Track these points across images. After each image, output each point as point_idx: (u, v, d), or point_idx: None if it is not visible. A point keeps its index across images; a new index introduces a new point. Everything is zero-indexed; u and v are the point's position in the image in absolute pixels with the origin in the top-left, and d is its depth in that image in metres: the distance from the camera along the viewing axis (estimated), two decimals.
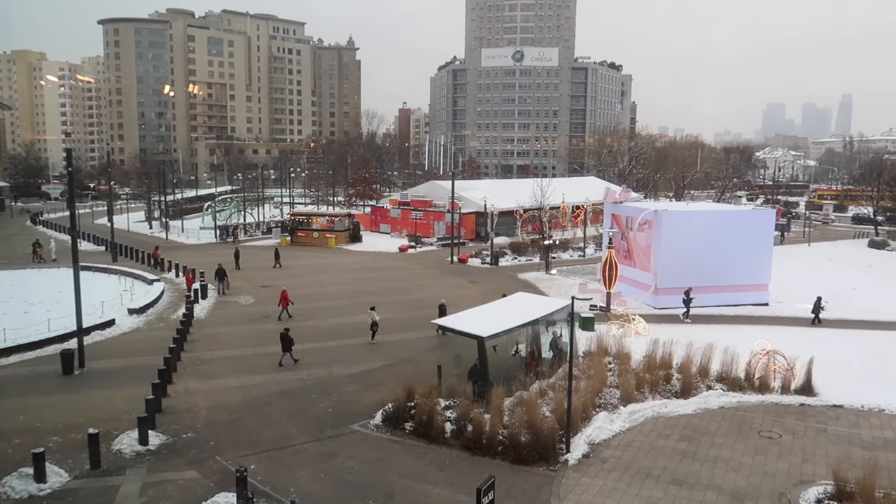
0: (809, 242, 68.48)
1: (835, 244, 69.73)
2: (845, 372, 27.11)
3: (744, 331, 33.06)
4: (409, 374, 24.85)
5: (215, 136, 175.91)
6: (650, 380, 24.49)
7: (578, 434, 20.38)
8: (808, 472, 18.63)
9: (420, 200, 72.59)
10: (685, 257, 38.18)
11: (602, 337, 28.21)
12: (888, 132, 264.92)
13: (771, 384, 25.12)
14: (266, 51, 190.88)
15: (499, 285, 43.09)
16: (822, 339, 32.18)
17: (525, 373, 23.95)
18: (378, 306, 38.58)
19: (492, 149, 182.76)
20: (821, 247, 67.20)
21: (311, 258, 57.64)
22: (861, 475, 16.63)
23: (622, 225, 42.22)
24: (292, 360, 28.37)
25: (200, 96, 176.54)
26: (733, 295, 38.68)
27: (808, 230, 72.10)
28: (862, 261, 58.00)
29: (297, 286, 44.91)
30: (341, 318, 36.12)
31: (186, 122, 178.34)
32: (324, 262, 55.28)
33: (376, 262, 56.26)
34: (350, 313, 36.91)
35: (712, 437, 20.83)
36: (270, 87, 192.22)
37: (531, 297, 30.46)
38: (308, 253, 60.74)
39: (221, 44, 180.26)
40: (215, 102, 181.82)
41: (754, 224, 40.49)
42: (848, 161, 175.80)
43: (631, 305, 37.82)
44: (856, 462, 18.03)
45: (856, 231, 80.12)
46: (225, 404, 23.64)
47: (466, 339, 22.75)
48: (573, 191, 73.07)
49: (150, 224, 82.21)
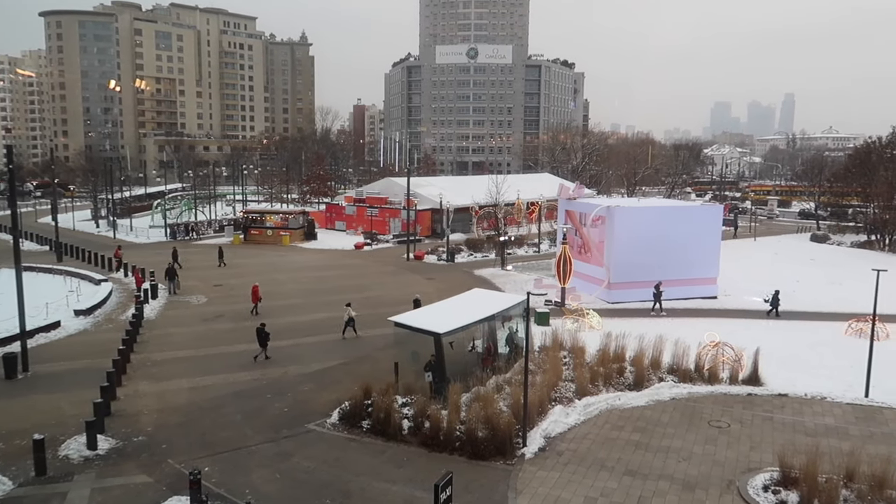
0: (755, 237, 70.53)
1: (779, 238, 71.99)
2: (790, 362, 28.04)
3: (693, 323, 33.83)
4: (365, 373, 24.74)
5: (164, 133, 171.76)
6: (604, 373, 24.88)
7: (535, 428, 20.59)
8: (755, 459, 19.19)
9: (375, 197, 72.23)
10: (637, 252, 38.90)
11: (557, 332, 28.54)
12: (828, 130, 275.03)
13: (720, 375, 25.78)
14: (216, 45, 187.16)
15: (455, 282, 43.23)
16: (768, 331, 33.21)
17: (482, 368, 24.05)
18: (334, 304, 38.34)
19: (447, 146, 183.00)
20: (766, 241, 69.28)
21: (266, 256, 56.85)
22: (805, 461, 17.22)
23: (576, 221, 42.77)
24: (265, 356, 28.25)
25: (149, 91, 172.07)
26: (683, 289, 39.57)
27: (754, 225, 74.21)
28: (805, 254, 60.02)
29: (250, 285, 44.17)
30: (296, 316, 35.73)
31: (134, 118, 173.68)
32: (278, 261, 54.57)
33: (332, 259, 55.81)
34: (305, 312, 36.53)
35: (664, 428, 21.29)
36: (222, 83, 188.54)
37: (487, 293, 30.60)
38: (262, 251, 59.89)
39: (170, 38, 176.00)
40: (164, 98, 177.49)
41: (703, 219, 41.53)
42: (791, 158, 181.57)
43: (585, 300, 38.38)
44: (800, 448, 18.65)
45: (799, 226, 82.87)
46: (177, 406, 23.15)
47: (423, 336, 22.75)
48: (528, 187, 73.70)
49: (96, 223, 79.92)
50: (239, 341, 31.02)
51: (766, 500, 16.85)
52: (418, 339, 23.12)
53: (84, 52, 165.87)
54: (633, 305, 38.53)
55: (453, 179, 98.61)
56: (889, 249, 63.16)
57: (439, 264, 53.87)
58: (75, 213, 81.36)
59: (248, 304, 37.90)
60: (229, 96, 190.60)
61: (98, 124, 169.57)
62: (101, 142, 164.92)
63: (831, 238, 69.71)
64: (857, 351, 27.97)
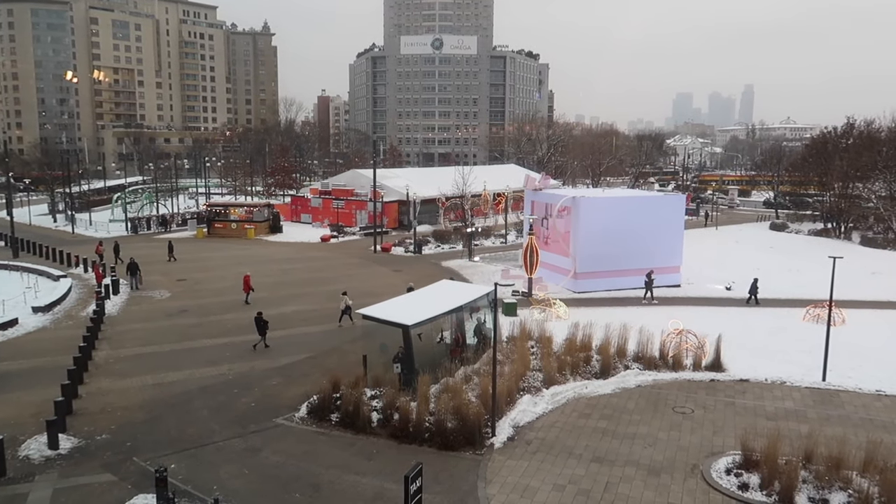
0: (717, 226, 71.86)
1: (740, 227, 73.46)
2: (750, 348, 28.71)
3: (657, 312, 34.43)
4: (334, 365, 24.65)
5: (123, 125, 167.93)
6: (571, 362, 25.16)
7: (503, 418, 20.75)
8: (718, 443, 19.64)
9: (341, 189, 71.79)
10: (602, 242, 39.35)
11: (525, 322, 28.76)
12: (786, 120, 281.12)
13: (684, 362, 26.27)
14: (176, 35, 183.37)
15: (423, 274, 43.23)
16: (730, 318, 33.91)
17: (450, 359, 24.15)
18: (301, 297, 38.10)
19: (413, 137, 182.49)
20: (728, 230, 70.65)
21: (230, 250, 56.16)
22: (765, 444, 17.68)
23: (542, 211, 43.06)
24: (265, 344, 28.63)
25: (106, 82, 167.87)
26: None
27: (715, 214, 75.58)
28: (764, 242, 61.38)
29: (214, 279, 43.75)
30: (262, 310, 35.32)
31: (92, 110, 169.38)
32: (243, 254, 53.95)
33: (298, 252, 55.36)
34: (272, 305, 36.18)
35: (630, 415, 21.65)
36: (182, 73, 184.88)
37: (455, 284, 30.67)
38: (226, 245, 59.12)
39: (128, 27, 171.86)
40: (122, 89, 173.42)
41: (666, 209, 42.14)
42: (751, 148, 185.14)
43: (552, 290, 38.71)
44: (761, 432, 19.13)
45: (758, 214, 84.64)
46: (141, 403, 22.79)
47: (392, 329, 22.73)
48: (494, 178, 73.87)
49: (54, 217, 77.86)
50: (204, 336, 30.65)
51: (729, 482, 17.26)
52: (387, 332, 23.08)
53: (38, 41, 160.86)
54: (599, 294, 39.00)
55: (420, 171, 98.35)
56: (845, 237, 64.94)
57: (407, 256, 53.82)
58: (32, 208, 79.21)
59: (214, 298, 37.43)
60: (190, 87, 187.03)
61: (54, 116, 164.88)
62: (57, 134, 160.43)
63: (790, 226, 71.39)
64: (815, 336, 28.72)
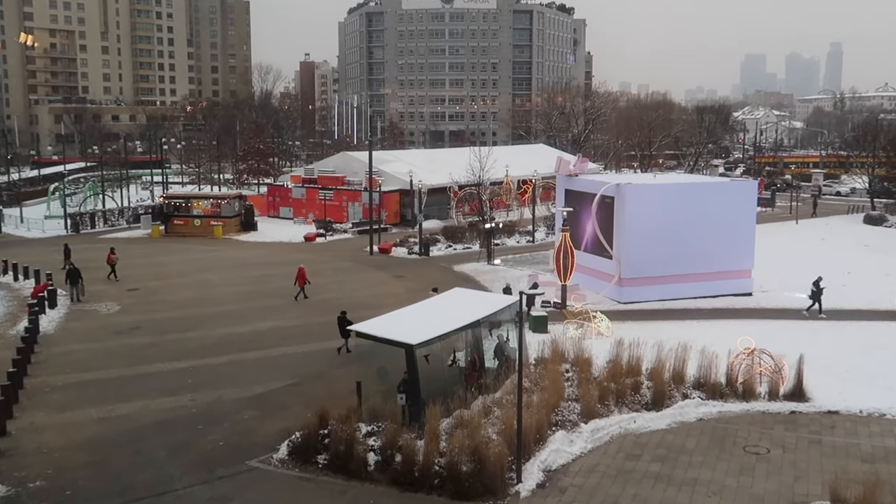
0: (797, 219, 71.42)
1: (826, 221, 72.99)
2: (840, 372, 28.42)
3: (724, 326, 34.18)
4: (321, 395, 24.62)
5: (62, 99, 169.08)
6: (615, 390, 25.03)
7: (532, 459, 20.67)
8: (800, 491, 19.46)
9: (330, 177, 71.86)
10: (653, 240, 39.14)
11: (557, 340, 28.65)
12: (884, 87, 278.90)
13: (756, 389, 26.06)
14: None
15: (430, 280, 43.14)
16: (814, 334, 33.62)
17: (465, 387, 24.08)
18: (280, 310, 38.21)
19: (418, 111, 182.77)
20: (811, 224, 70.17)
21: (192, 252, 56.40)
22: (861, 493, 17.48)
23: (578, 203, 42.90)
24: (346, 349, 30.04)
25: (40, 48, 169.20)
26: (710, 284, 39.91)
27: (795, 204, 75.13)
28: (857, 240, 60.89)
29: (173, 289, 43.94)
30: (233, 327, 35.49)
31: (23, 82, 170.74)
32: (208, 257, 54.16)
33: (276, 255, 55.52)
34: (244, 321, 36.27)
35: (690, 456, 21.49)
36: (133, 36, 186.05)
37: (470, 293, 30.59)
38: (188, 246, 59.39)
39: None
40: (61, 55, 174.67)
41: (734, 199, 41.82)
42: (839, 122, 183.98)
43: (591, 300, 38.54)
44: (855, 477, 18.92)
45: (849, 205, 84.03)
46: (84, 442, 22.88)
47: (392, 349, 22.69)
48: (519, 162, 73.66)
49: None
50: (161, 359, 30.74)
51: None
52: (386, 353, 23.05)
53: None
54: (650, 305, 38.81)
55: (426, 153, 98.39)
56: None
57: (410, 258, 53.83)
58: None
59: (173, 312, 37.56)
60: (143, 52, 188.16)
61: None
62: None
63: (889, 220, 70.80)
64: None
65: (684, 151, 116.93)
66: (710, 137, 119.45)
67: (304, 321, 36.15)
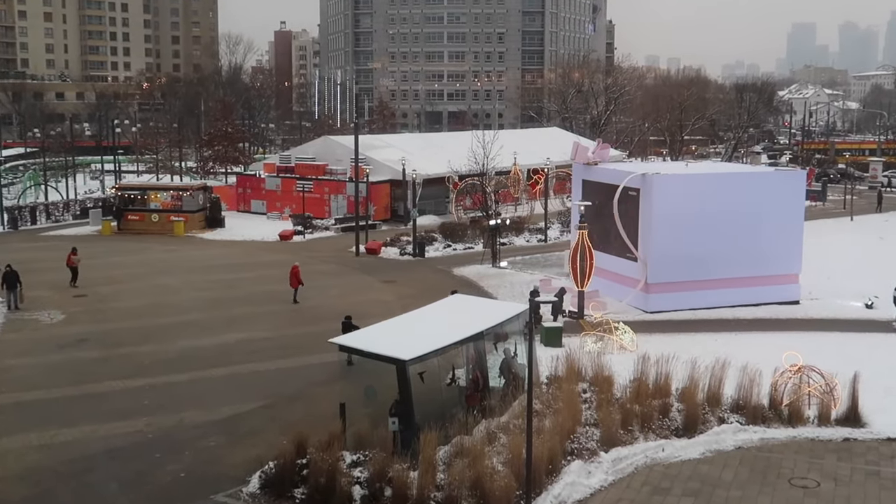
0: (853, 215, 71.41)
1: (886, 217, 72.98)
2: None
3: (766, 340, 34.17)
4: (298, 418, 24.64)
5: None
6: (641, 413, 25.02)
7: (543, 494, 20.66)
8: None
9: (309, 165, 71.90)
10: (685, 239, 39.13)
11: (574, 355, 28.60)
12: None
13: (804, 413, 26.03)
14: None
15: (426, 285, 43.20)
16: (871, 349, 33.60)
17: (466, 409, 24.07)
18: (251, 321, 38.18)
19: (412, 89, 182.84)
20: (868, 221, 70.11)
21: (149, 252, 56.39)
22: None
23: (598, 196, 42.91)
24: (349, 361, 29.07)
25: None
26: (751, 291, 39.90)
27: (851, 198, 75.14)
28: None
29: (127, 295, 43.94)
30: (196, 339, 35.45)
31: None
32: (168, 259, 54.16)
33: (247, 255, 55.52)
34: (209, 332, 36.23)
35: (727, 490, 21.49)
36: (81, 2, 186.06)
37: (472, 301, 30.60)
38: (144, 245, 59.33)
39: None
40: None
41: (779, 191, 41.81)
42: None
43: (613, 309, 38.52)
44: None
45: None
46: (22, 473, 22.83)
47: (381, 365, 22.69)
48: (529, 148, 73.63)
49: None
50: (113, 376, 30.66)
51: None
52: (374, 370, 23.05)
53: None
54: (681, 315, 38.82)
55: (422, 138, 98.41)
56: None
57: (403, 260, 53.91)
58: None
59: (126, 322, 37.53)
60: (92, 20, 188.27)
61: None
62: None
63: None
64: None
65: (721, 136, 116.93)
66: (750, 120, 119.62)
67: (279, 333, 36.10)
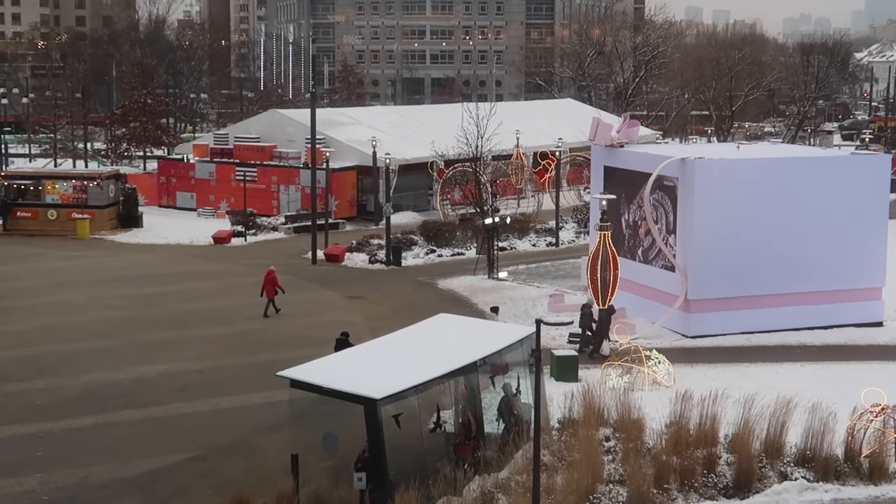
0: None
1: None
2: None
3: (841, 372, 34.29)
4: (237, 475, 24.60)
5: None
6: (680, 466, 25.03)
7: None
8: None
9: (252, 146, 71.95)
10: (735, 243, 39.18)
11: (593, 392, 28.58)
12: None
13: (890, 466, 26.13)
14: None
15: (404, 302, 43.22)
16: None
17: (455, 462, 24.06)
18: (176, 347, 38.07)
19: (384, 50, 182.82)
20: None
21: (45, 259, 56.30)
22: None
23: (626, 187, 43.01)
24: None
25: None
26: (821, 309, 39.99)
27: None
28: None
29: (14, 315, 43.74)
30: (105, 372, 35.31)
31: None
32: (69, 267, 54.00)
33: (172, 264, 55.37)
34: (122, 363, 36.10)
35: None
36: None
37: (463, 322, 30.58)
38: (38, 249, 59.12)
39: None
40: None
41: (857, 181, 41.87)
42: None
43: (643, 333, 38.58)
44: None
45: None
46: None
47: (345, 405, 22.66)
48: (535, 125, 73.74)
49: None
50: None
51: None
52: (336, 411, 23.06)
53: None
54: (731, 340, 38.92)
55: (398, 112, 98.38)
56: None
57: (373, 270, 53.90)
58: None
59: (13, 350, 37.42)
60: None
61: None
62: None
63: None
64: None
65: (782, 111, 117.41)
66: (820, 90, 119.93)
67: (213, 364, 35.95)
